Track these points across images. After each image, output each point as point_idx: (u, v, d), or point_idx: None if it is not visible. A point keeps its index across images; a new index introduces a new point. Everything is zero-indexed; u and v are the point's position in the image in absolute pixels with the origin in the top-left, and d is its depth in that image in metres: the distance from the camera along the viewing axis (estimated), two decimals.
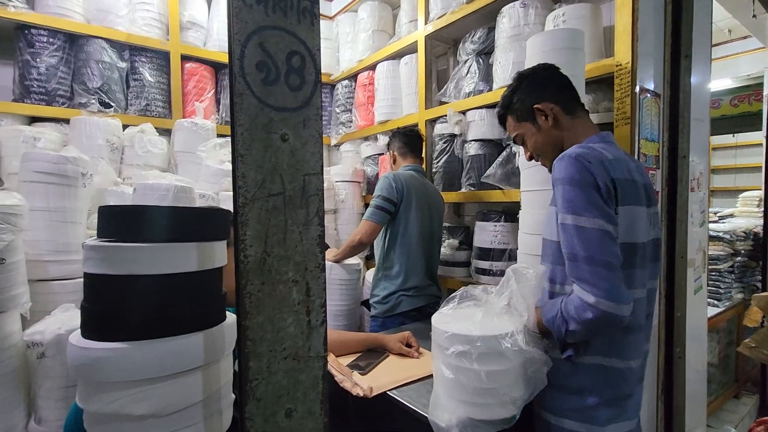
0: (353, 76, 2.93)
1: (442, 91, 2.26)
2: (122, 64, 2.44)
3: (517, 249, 1.61)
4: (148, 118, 2.49)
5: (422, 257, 1.95)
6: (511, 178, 1.85)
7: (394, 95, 2.58)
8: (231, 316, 0.77)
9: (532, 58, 1.38)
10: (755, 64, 4.18)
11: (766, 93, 3.32)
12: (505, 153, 1.89)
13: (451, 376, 0.95)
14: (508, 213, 1.98)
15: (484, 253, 2.00)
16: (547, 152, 1.13)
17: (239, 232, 0.58)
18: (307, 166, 0.64)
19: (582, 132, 1.09)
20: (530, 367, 0.94)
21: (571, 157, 0.95)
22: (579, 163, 0.93)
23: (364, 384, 1.18)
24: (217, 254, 0.73)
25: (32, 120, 2.27)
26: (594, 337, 0.98)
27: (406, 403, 1.10)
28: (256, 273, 0.59)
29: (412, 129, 2.14)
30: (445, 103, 2.25)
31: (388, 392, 1.16)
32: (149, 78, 2.52)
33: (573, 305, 0.92)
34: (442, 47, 2.53)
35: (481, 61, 2.09)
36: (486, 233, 1.99)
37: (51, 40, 2.23)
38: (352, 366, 1.34)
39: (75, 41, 2.33)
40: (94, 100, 2.31)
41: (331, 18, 3.24)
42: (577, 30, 1.41)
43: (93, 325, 0.64)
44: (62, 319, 1.51)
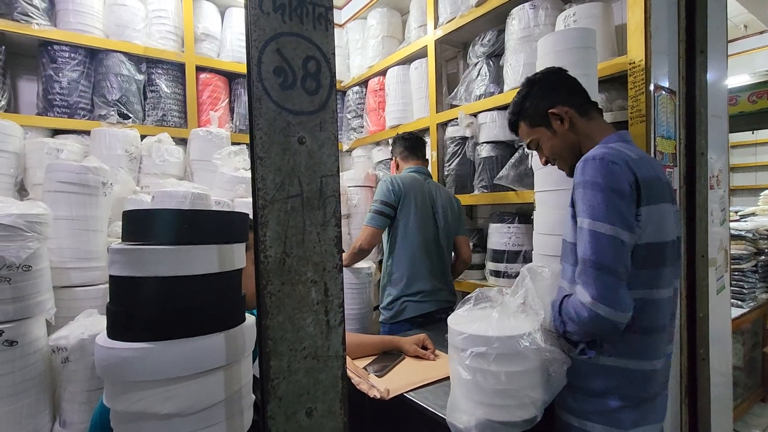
0: (364, 83, 2.96)
1: (453, 94, 2.27)
2: (140, 77, 2.51)
3: (532, 250, 1.60)
4: (165, 128, 2.55)
5: (428, 260, 1.88)
6: (524, 179, 1.85)
7: (405, 100, 2.59)
8: (250, 318, 0.78)
9: (544, 59, 1.38)
10: None
11: None
12: (517, 154, 1.88)
13: (468, 377, 0.95)
14: (522, 214, 1.97)
15: (499, 255, 1.98)
16: (565, 156, 1.12)
17: (259, 233, 0.60)
18: (324, 168, 0.65)
19: (598, 133, 1.08)
20: (550, 366, 0.94)
21: (595, 159, 0.94)
22: (604, 166, 0.92)
23: (380, 386, 1.19)
24: (237, 256, 0.74)
25: (55, 132, 2.34)
26: (590, 339, 0.98)
27: (424, 405, 1.10)
28: (276, 273, 0.60)
29: (411, 133, 2.12)
30: (456, 106, 2.25)
31: (405, 394, 1.16)
32: (165, 89, 2.59)
33: (572, 306, 0.94)
34: (452, 51, 2.54)
35: (492, 63, 2.09)
36: (500, 235, 1.98)
37: (72, 55, 2.30)
38: (368, 368, 1.34)
39: (95, 56, 2.40)
40: (113, 112, 2.38)
41: (340, 26, 3.29)
42: (588, 29, 1.40)
43: (118, 325, 0.66)
44: (85, 325, 1.55)
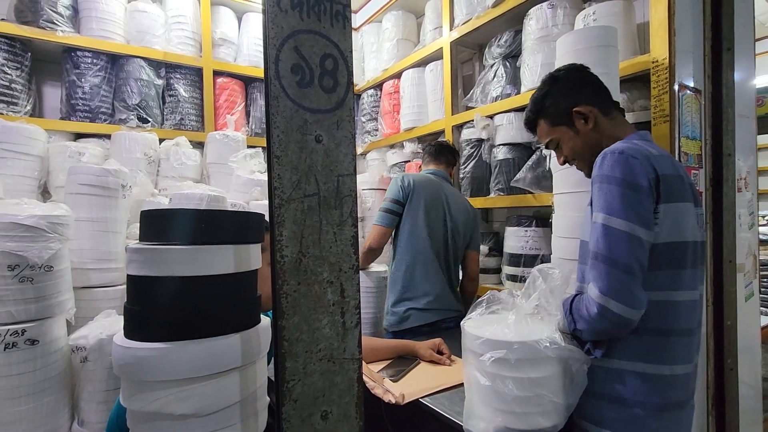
0: (378, 86, 2.96)
1: (469, 96, 2.25)
2: (159, 81, 2.56)
3: (550, 254, 1.57)
4: (183, 132, 2.59)
5: (435, 262, 1.80)
6: (542, 181, 1.81)
7: (420, 102, 2.58)
8: (265, 319, 0.77)
9: (563, 58, 1.35)
10: None
11: None
12: (535, 156, 1.85)
13: (487, 383, 0.92)
14: (540, 218, 1.93)
15: (515, 260, 1.95)
16: (586, 156, 1.09)
17: (275, 232, 0.59)
18: (341, 167, 0.64)
19: (620, 133, 1.06)
20: (573, 365, 0.91)
21: (614, 153, 0.91)
22: (623, 160, 0.90)
23: (395, 391, 1.17)
24: (253, 257, 0.74)
25: (77, 136, 2.40)
26: (600, 338, 0.94)
27: (440, 411, 1.08)
28: (292, 273, 0.60)
29: (440, 141, 2.11)
30: (472, 108, 2.23)
31: (421, 400, 1.14)
32: (183, 93, 2.63)
33: (583, 303, 0.91)
34: (468, 52, 2.52)
35: (508, 64, 2.06)
36: (517, 239, 1.94)
37: (94, 60, 2.36)
38: (382, 372, 1.32)
39: (116, 61, 2.46)
40: (133, 116, 2.43)
41: (355, 29, 3.30)
42: (609, 27, 1.37)
43: (135, 325, 0.66)
44: (104, 325, 1.57)
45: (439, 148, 2.00)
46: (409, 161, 2.70)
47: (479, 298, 1.08)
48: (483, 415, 0.94)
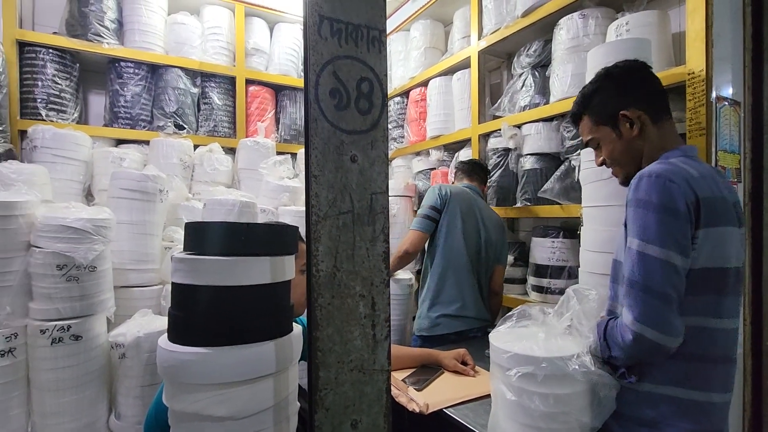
0: (405, 93, 2.99)
1: (496, 105, 2.25)
2: (194, 90, 2.67)
3: (578, 267, 1.55)
4: (216, 138, 2.69)
5: (469, 270, 1.85)
6: (570, 192, 1.79)
7: (447, 110, 2.59)
8: (297, 327, 0.81)
9: (595, 70, 1.33)
10: None
11: None
12: (563, 167, 1.83)
13: (513, 398, 0.93)
14: (567, 229, 1.90)
15: (542, 271, 1.93)
16: (625, 163, 1.05)
17: (312, 247, 0.62)
18: (374, 185, 0.67)
19: (666, 143, 1.00)
20: (601, 391, 0.90)
21: (651, 176, 0.88)
22: (660, 183, 0.87)
23: (420, 400, 1.18)
24: (287, 268, 0.77)
25: (118, 142, 2.53)
26: (635, 363, 0.92)
27: (465, 423, 1.08)
28: (326, 287, 0.63)
29: (471, 158, 2.22)
30: (499, 118, 2.22)
31: (445, 410, 1.15)
32: (217, 101, 2.74)
33: (618, 329, 0.90)
34: (496, 61, 2.52)
35: (537, 74, 2.05)
36: (543, 250, 1.92)
37: (136, 71, 2.49)
38: (406, 381, 1.34)
39: (155, 71, 2.58)
40: (170, 123, 2.55)
41: None
42: (642, 39, 1.35)
43: (179, 330, 0.71)
44: (141, 323, 1.66)
45: (472, 166, 2.08)
46: (435, 169, 2.71)
47: (510, 312, 1.08)
48: (507, 429, 0.95)
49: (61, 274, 1.52)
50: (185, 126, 2.59)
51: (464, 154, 2.46)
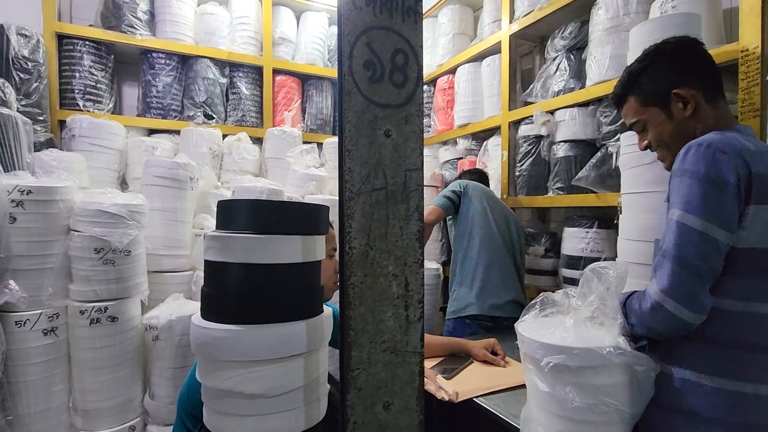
0: (432, 81, 2.93)
1: (528, 91, 2.17)
2: (223, 80, 2.70)
3: (614, 258, 1.48)
4: (244, 128, 2.72)
5: (509, 255, 1.90)
6: (607, 180, 1.71)
7: (475, 98, 2.53)
8: (328, 309, 0.80)
9: (637, 49, 1.26)
10: None
11: None
12: (599, 153, 1.75)
13: (546, 389, 0.89)
14: (602, 219, 1.83)
15: (574, 262, 1.86)
16: (674, 145, 0.98)
17: (344, 224, 0.60)
18: (409, 162, 0.64)
19: (720, 124, 0.94)
20: (638, 372, 0.85)
21: (701, 145, 0.83)
22: (709, 154, 0.81)
23: (449, 388, 1.16)
24: (318, 248, 0.76)
25: (151, 131, 2.60)
26: (652, 335, 0.88)
27: (496, 413, 1.06)
28: (359, 265, 0.61)
29: (477, 167, 2.36)
30: (530, 104, 2.15)
31: (475, 399, 1.13)
32: (245, 91, 2.76)
33: (637, 298, 0.88)
34: (527, 46, 2.43)
35: (572, 57, 1.96)
36: (576, 240, 1.85)
37: (167, 61, 2.54)
38: (435, 369, 1.32)
39: (186, 61, 2.63)
40: (199, 113, 2.59)
41: None
42: (692, 14, 1.26)
43: (212, 307, 0.71)
44: (173, 307, 1.70)
45: (479, 176, 2.19)
46: (462, 158, 2.65)
47: (532, 300, 1.04)
48: (542, 420, 0.91)
49: (99, 257, 1.57)
50: (214, 116, 2.63)
51: (493, 142, 2.40)
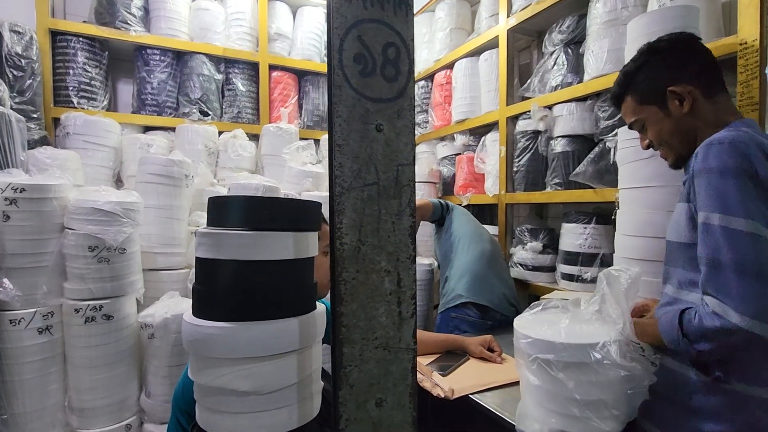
0: (430, 77, 2.91)
1: (525, 86, 2.16)
2: (218, 76, 2.68)
3: (611, 253, 1.47)
4: (239, 125, 2.70)
5: (485, 254, 1.91)
6: (605, 175, 1.70)
7: (473, 93, 2.51)
8: (321, 305, 0.79)
9: (635, 42, 1.25)
10: None
11: None
12: (597, 149, 1.74)
13: (537, 383, 0.89)
14: (600, 214, 1.82)
15: (572, 258, 1.85)
16: (674, 143, 0.97)
17: (335, 220, 0.60)
18: (401, 156, 0.63)
19: (723, 118, 0.92)
20: (628, 384, 0.84)
21: (723, 143, 0.80)
22: (734, 149, 0.78)
23: (445, 385, 1.16)
24: (311, 244, 0.75)
25: (146, 129, 2.58)
26: (722, 359, 0.82)
27: (491, 409, 1.05)
28: (351, 261, 0.60)
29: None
30: (528, 99, 2.14)
31: (471, 396, 1.12)
32: (241, 87, 2.74)
33: (708, 323, 0.76)
34: (525, 40, 2.42)
35: (570, 51, 1.95)
36: (574, 236, 1.85)
37: (162, 57, 2.52)
38: (431, 366, 1.31)
39: (181, 58, 2.61)
40: (195, 110, 2.57)
41: None
42: (690, 6, 1.25)
43: (203, 304, 0.70)
44: (168, 305, 1.69)
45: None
46: (460, 154, 2.64)
47: (538, 300, 1.03)
48: (536, 415, 0.91)
49: (93, 255, 1.56)
50: (210, 112, 2.61)
51: (491, 137, 2.39)
